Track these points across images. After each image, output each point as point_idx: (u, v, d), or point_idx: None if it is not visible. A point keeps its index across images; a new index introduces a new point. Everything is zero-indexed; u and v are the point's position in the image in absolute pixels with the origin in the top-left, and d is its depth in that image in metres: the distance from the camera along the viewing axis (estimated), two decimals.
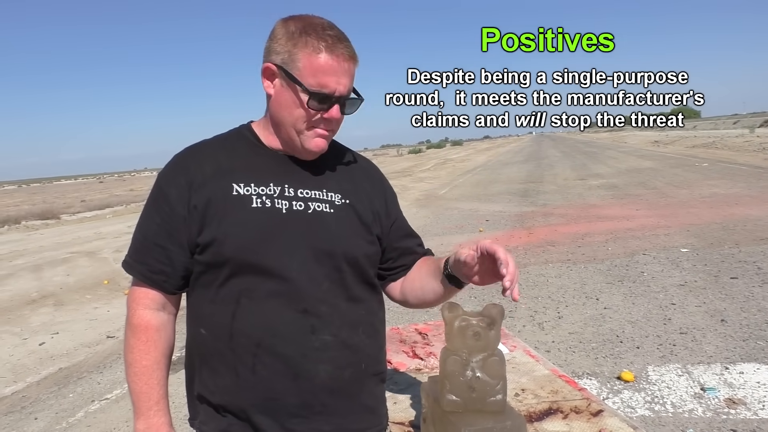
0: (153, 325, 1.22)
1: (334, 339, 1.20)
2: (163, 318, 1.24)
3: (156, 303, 1.23)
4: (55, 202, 30.89)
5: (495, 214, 12.00)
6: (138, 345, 1.21)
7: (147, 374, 1.21)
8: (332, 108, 1.19)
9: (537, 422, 1.45)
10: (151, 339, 1.22)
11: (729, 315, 4.72)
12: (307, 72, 1.16)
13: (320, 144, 1.23)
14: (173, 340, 1.27)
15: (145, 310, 1.22)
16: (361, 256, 1.25)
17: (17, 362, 5.25)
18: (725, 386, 3.48)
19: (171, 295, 1.25)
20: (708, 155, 23.37)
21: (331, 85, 1.16)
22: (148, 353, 1.21)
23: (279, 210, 1.20)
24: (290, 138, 1.23)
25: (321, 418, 1.20)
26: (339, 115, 1.20)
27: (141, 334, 1.22)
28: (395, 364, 1.95)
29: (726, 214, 9.21)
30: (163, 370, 1.24)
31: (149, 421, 1.20)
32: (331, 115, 1.19)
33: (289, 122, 1.21)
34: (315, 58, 1.15)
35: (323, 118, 1.20)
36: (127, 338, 1.23)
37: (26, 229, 18.96)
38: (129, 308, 1.24)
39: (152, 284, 1.22)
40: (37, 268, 10.21)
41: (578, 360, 4.14)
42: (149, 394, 1.20)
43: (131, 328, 1.22)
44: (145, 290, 1.23)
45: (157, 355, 1.22)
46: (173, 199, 1.20)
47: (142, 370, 1.21)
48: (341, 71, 1.17)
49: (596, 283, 6.11)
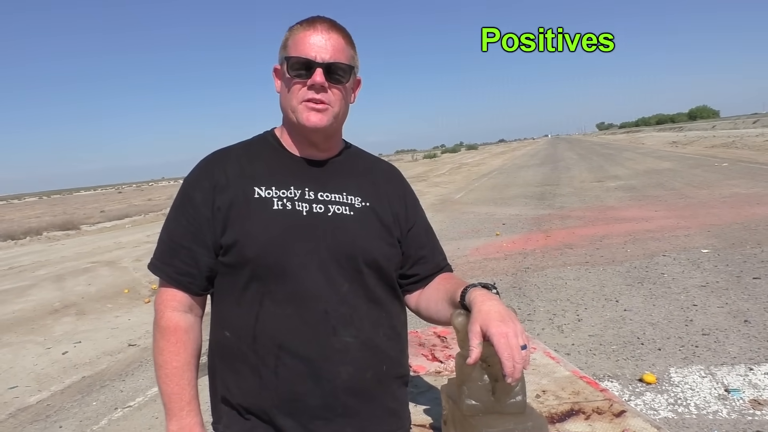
0: (182, 327, 1.24)
1: (355, 340, 1.21)
2: (191, 320, 1.26)
3: (183, 305, 1.25)
4: (75, 213, 31.33)
5: (511, 217, 11.94)
6: (168, 347, 1.22)
7: (178, 375, 1.22)
8: (314, 73, 1.21)
9: (559, 423, 1.44)
10: (180, 340, 1.23)
11: (752, 315, 4.64)
12: (291, 49, 1.23)
13: (312, 119, 1.23)
14: (201, 341, 1.28)
15: (174, 312, 1.24)
16: (381, 258, 1.26)
17: (41, 371, 5.32)
18: (750, 387, 3.43)
19: (197, 296, 1.27)
20: (728, 155, 23.02)
21: (310, 52, 1.21)
22: (178, 354, 1.22)
23: (299, 212, 1.22)
24: (291, 122, 1.27)
25: (343, 420, 1.21)
26: (322, 80, 1.21)
27: (170, 336, 1.23)
28: (415, 367, 1.95)
29: (747, 214, 9.07)
30: (193, 371, 1.25)
31: (181, 422, 1.21)
32: (315, 80, 1.20)
33: (286, 103, 1.27)
34: (297, 35, 1.23)
35: (310, 87, 1.22)
36: (156, 340, 1.24)
37: (48, 239, 19.27)
38: (157, 311, 1.26)
39: (179, 285, 1.24)
40: (59, 278, 10.36)
41: (599, 362, 4.10)
42: (181, 395, 1.21)
43: (160, 330, 1.24)
44: (172, 292, 1.25)
45: (186, 357, 1.23)
46: (198, 202, 1.23)
47: (173, 372, 1.22)
48: (321, 39, 1.22)
49: (615, 285, 6.05)
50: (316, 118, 1.23)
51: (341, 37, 1.25)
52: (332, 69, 1.22)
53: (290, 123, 1.28)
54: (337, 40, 1.24)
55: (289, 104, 1.25)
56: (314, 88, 1.22)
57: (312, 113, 1.23)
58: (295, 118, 1.24)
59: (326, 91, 1.23)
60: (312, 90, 1.22)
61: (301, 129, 1.26)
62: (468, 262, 7.82)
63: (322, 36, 1.22)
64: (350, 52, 1.27)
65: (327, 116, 1.24)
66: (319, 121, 1.23)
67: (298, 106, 1.24)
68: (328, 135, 1.30)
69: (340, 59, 1.23)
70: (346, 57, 1.25)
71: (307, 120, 1.23)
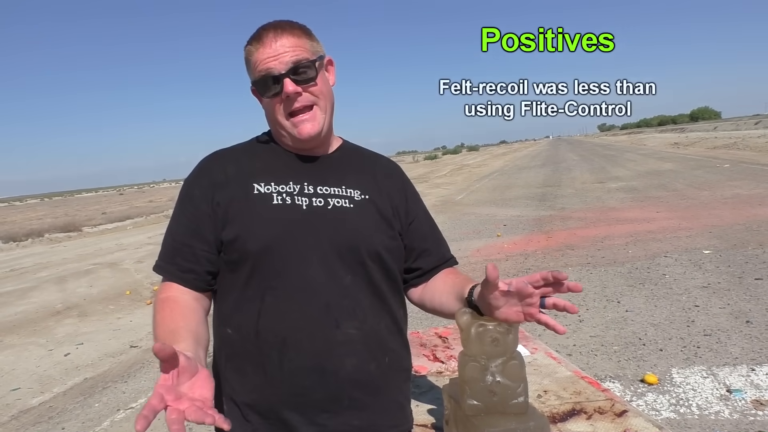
0: (181, 300, 1.19)
1: (358, 332, 1.21)
2: (192, 300, 1.21)
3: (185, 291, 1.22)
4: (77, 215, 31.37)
5: (513, 218, 11.94)
6: (156, 310, 1.16)
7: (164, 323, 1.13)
8: (284, 85, 1.19)
9: (560, 423, 1.45)
10: (177, 309, 1.16)
11: (754, 316, 4.64)
12: (253, 72, 1.23)
13: (304, 130, 1.23)
14: (206, 331, 1.18)
15: (173, 291, 1.21)
16: (382, 250, 1.26)
17: (43, 373, 5.33)
18: (752, 388, 3.43)
19: (201, 291, 1.25)
20: (729, 156, 23.01)
21: (269, 66, 1.20)
22: (165, 309, 1.15)
23: (299, 207, 1.22)
24: (285, 142, 1.28)
25: (350, 413, 1.21)
26: (294, 88, 1.20)
27: (159, 304, 1.18)
28: (416, 367, 1.95)
29: (749, 215, 9.07)
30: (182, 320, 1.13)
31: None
32: (287, 91, 1.19)
33: (273, 124, 1.28)
34: (253, 57, 1.22)
35: (286, 99, 1.21)
36: (153, 316, 1.18)
37: (49, 241, 19.30)
38: (156, 294, 1.24)
39: (183, 282, 1.22)
40: (61, 280, 10.38)
41: (600, 363, 4.10)
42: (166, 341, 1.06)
43: (157, 303, 1.19)
44: (174, 284, 1.22)
45: (173, 309, 1.15)
46: (197, 199, 1.24)
47: (158, 324, 1.13)
48: (274, 50, 1.20)
49: (617, 286, 6.05)
50: (308, 128, 1.23)
51: (291, 36, 1.22)
52: (297, 72, 1.20)
53: (285, 143, 1.30)
54: (289, 40, 1.21)
55: (277, 123, 1.26)
56: (290, 99, 1.21)
57: (302, 125, 1.23)
58: (288, 136, 1.25)
59: (302, 94, 1.22)
60: (289, 102, 1.22)
61: (297, 142, 1.27)
62: (469, 263, 7.83)
63: (272, 45, 1.20)
64: (307, 43, 1.24)
65: (317, 121, 1.24)
66: (312, 129, 1.24)
67: (285, 122, 1.24)
68: (322, 137, 1.30)
69: (300, 56, 1.21)
70: (305, 51, 1.22)
71: (300, 134, 1.23)
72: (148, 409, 0.76)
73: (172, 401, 0.81)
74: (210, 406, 0.84)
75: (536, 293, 1.09)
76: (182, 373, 0.85)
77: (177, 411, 0.79)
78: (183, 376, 0.86)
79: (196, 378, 0.87)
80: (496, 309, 1.13)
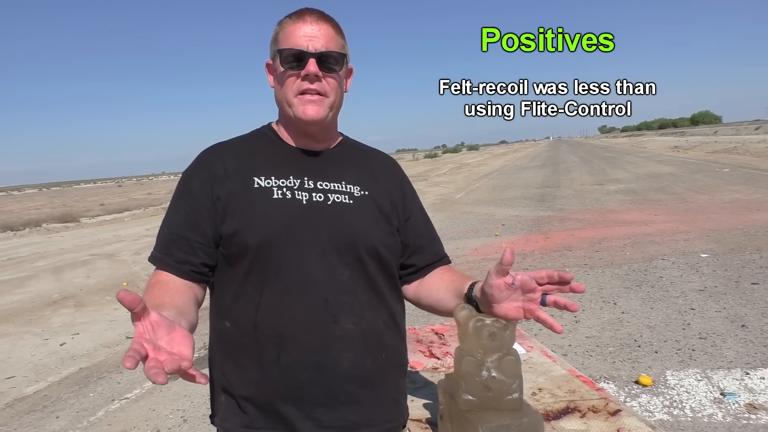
0: (171, 282, 1.18)
1: (356, 328, 1.22)
2: (184, 287, 1.20)
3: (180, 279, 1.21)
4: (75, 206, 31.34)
5: (511, 218, 11.95)
6: (151, 293, 1.15)
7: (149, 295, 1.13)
8: (308, 64, 1.21)
9: (554, 421, 1.45)
10: (164, 289, 1.16)
11: (750, 320, 4.66)
12: (282, 43, 1.24)
13: (309, 111, 1.23)
14: (194, 312, 1.17)
15: (166, 276, 1.20)
16: (381, 246, 1.27)
17: (39, 362, 5.33)
18: (746, 391, 3.44)
19: (198, 284, 1.25)
20: (729, 161, 23.03)
21: (302, 43, 1.21)
22: (160, 296, 1.13)
23: (299, 201, 1.23)
24: (288, 116, 1.27)
25: (346, 408, 1.22)
26: (316, 69, 1.21)
27: (155, 286, 1.17)
28: (412, 363, 1.95)
29: (747, 220, 9.08)
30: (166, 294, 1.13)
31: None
32: (308, 70, 1.21)
33: (281, 98, 1.27)
34: (287, 28, 1.24)
35: (304, 78, 1.22)
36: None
37: (47, 231, 19.28)
38: (149, 280, 1.23)
39: (179, 273, 1.22)
40: (58, 270, 10.37)
41: (595, 364, 4.11)
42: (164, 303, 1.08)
43: (147, 286, 1.19)
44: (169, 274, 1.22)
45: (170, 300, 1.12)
46: (196, 192, 1.24)
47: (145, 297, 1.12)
48: (312, 30, 1.22)
49: (614, 287, 6.06)
50: (312, 111, 1.23)
51: (331, 27, 1.25)
52: (325, 58, 1.22)
53: (286, 117, 1.29)
54: (327, 29, 1.24)
55: (285, 98, 1.25)
56: (308, 78, 1.22)
57: (308, 106, 1.23)
58: (292, 111, 1.25)
59: (321, 81, 1.23)
60: (306, 80, 1.22)
61: (298, 122, 1.26)
62: (467, 262, 7.83)
63: (312, 26, 1.22)
64: (341, 41, 1.27)
65: (323, 107, 1.24)
66: (316, 114, 1.23)
67: (293, 99, 1.24)
68: (325, 126, 1.30)
69: (332, 48, 1.24)
70: (337, 45, 1.25)
71: (304, 113, 1.23)
72: (132, 351, 0.77)
73: (152, 351, 0.81)
74: (188, 362, 0.83)
75: (539, 289, 1.11)
76: (157, 328, 0.85)
77: (155, 360, 0.79)
78: (159, 331, 0.85)
79: (174, 334, 0.87)
80: (496, 303, 1.14)
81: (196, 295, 1.23)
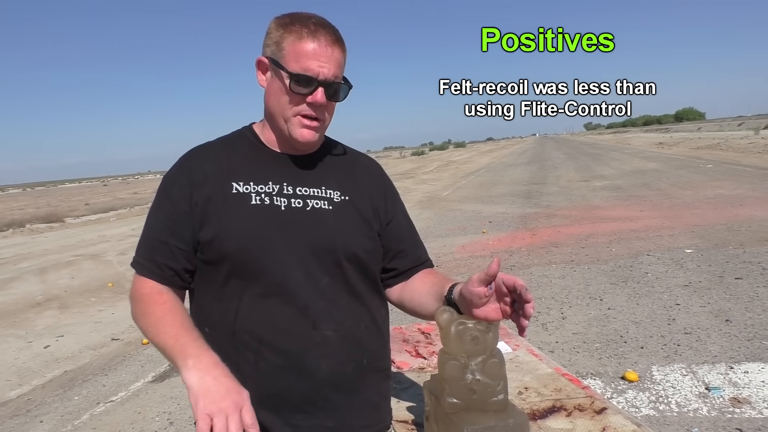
0: (157, 289, 1.21)
1: (335, 334, 1.21)
2: (176, 298, 1.22)
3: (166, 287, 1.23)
4: (60, 206, 30.99)
5: (498, 215, 11.99)
6: (145, 305, 1.18)
7: (168, 320, 1.14)
8: (316, 91, 1.19)
9: (540, 420, 1.45)
10: (154, 298, 1.18)
11: (734, 315, 4.71)
12: (291, 57, 1.18)
13: (306, 135, 1.22)
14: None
15: (157, 287, 1.22)
16: (360, 251, 1.26)
17: (22, 365, 5.26)
18: (730, 386, 3.47)
19: (179, 289, 1.25)
20: (713, 157, 23.28)
21: (314, 68, 1.17)
22: (158, 305, 1.17)
23: (278, 207, 1.21)
24: (280, 128, 1.25)
25: (324, 414, 1.21)
26: (323, 99, 1.19)
27: (144, 299, 1.19)
28: (398, 363, 1.95)
29: (730, 215, 9.18)
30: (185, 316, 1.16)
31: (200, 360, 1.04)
32: (315, 99, 1.19)
33: (278, 111, 1.23)
34: (298, 44, 1.18)
35: (308, 103, 1.20)
36: (132, 311, 1.21)
37: (31, 232, 19.04)
38: (132, 290, 1.24)
39: (161, 280, 1.22)
40: (42, 271, 10.24)
41: (582, 360, 4.13)
42: (181, 335, 1.10)
43: (134, 299, 1.21)
44: (150, 281, 1.23)
45: (170, 306, 1.17)
46: (175, 197, 1.23)
47: (161, 320, 1.14)
48: (324, 56, 1.18)
49: (600, 283, 6.10)
50: (309, 135, 1.22)
51: (341, 52, 1.22)
52: (333, 87, 1.21)
53: (278, 128, 1.26)
54: (339, 56, 1.21)
55: (283, 113, 1.22)
56: (313, 106, 1.20)
57: (306, 130, 1.22)
58: (287, 129, 1.23)
59: (324, 109, 1.22)
60: (311, 107, 1.20)
61: (291, 141, 1.25)
62: (454, 260, 7.85)
63: (325, 51, 1.18)
64: (344, 64, 1.24)
65: (319, 132, 1.25)
66: (312, 137, 1.23)
67: (292, 118, 1.22)
68: (315, 146, 1.30)
69: (340, 76, 1.22)
70: (342, 71, 1.23)
71: (301, 136, 1.22)
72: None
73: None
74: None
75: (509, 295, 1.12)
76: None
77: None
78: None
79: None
80: (476, 307, 1.14)
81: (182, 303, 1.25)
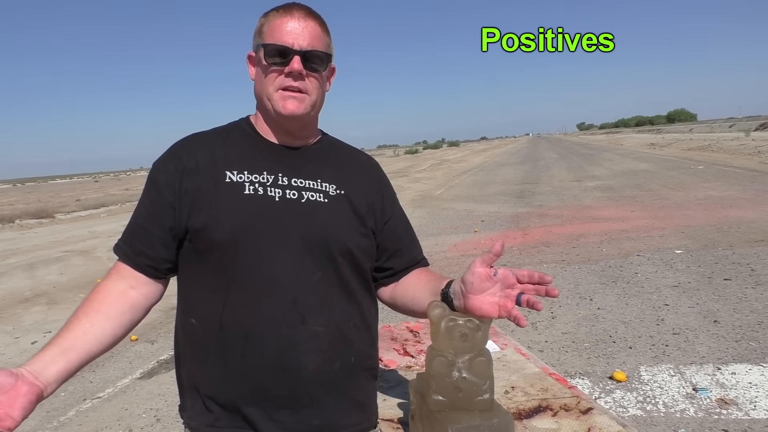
0: (108, 290, 1.20)
1: (324, 330, 1.19)
2: (130, 295, 1.21)
3: (130, 280, 1.22)
4: (50, 201, 30.75)
5: (490, 214, 12.00)
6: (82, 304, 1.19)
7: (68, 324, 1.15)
8: (292, 61, 1.19)
9: (526, 420, 1.45)
10: (90, 298, 1.19)
11: (722, 316, 4.73)
12: (268, 36, 1.21)
13: (289, 106, 1.21)
14: (133, 319, 1.22)
15: (113, 281, 1.22)
16: (354, 247, 1.24)
17: (9, 361, 5.22)
18: (717, 387, 3.49)
19: (153, 279, 1.23)
20: (704, 158, 23.42)
21: (288, 39, 1.19)
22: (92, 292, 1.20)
23: (272, 198, 1.20)
24: (267, 109, 1.25)
25: (309, 411, 1.19)
26: (300, 67, 1.19)
27: (90, 295, 1.20)
28: (386, 361, 1.94)
29: (720, 216, 9.24)
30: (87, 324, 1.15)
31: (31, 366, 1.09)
32: (293, 67, 1.19)
33: (262, 92, 1.24)
34: (273, 22, 1.21)
35: (287, 74, 1.20)
36: None
37: (20, 227, 18.89)
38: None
39: (135, 266, 1.22)
40: (31, 267, 10.17)
41: (571, 359, 4.14)
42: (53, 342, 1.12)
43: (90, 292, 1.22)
44: (124, 266, 1.23)
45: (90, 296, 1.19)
46: (161, 184, 1.21)
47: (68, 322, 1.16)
48: (299, 27, 1.20)
49: (590, 283, 6.12)
50: (292, 106, 1.21)
51: (318, 25, 1.23)
52: (309, 57, 1.20)
53: (265, 111, 1.26)
54: (314, 27, 1.22)
55: (265, 92, 1.23)
56: (291, 75, 1.20)
57: (288, 101, 1.21)
58: (271, 106, 1.22)
59: (303, 79, 1.21)
60: (289, 77, 1.20)
61: (278, 117, 1.23)
62: (446, 258, 7.85)
63: (299, 23, 1.20)
64: (327, 39, 1.25)
65: (304, 104, 1.22)
66: (296, 109, 1.21)
67: (274, 93, 1.21)
68: (304, 123, 1.27)
69: (318, 47, 1.22)
70: (323, 45, 1.24)
71: (284, 108, 1.20)
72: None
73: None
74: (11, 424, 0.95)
75: (518, 286, 1.11)
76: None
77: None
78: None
79: (9, 394, 0.98)
80: (474, 294, 1.12)
81: (144, 296, 1.23)
